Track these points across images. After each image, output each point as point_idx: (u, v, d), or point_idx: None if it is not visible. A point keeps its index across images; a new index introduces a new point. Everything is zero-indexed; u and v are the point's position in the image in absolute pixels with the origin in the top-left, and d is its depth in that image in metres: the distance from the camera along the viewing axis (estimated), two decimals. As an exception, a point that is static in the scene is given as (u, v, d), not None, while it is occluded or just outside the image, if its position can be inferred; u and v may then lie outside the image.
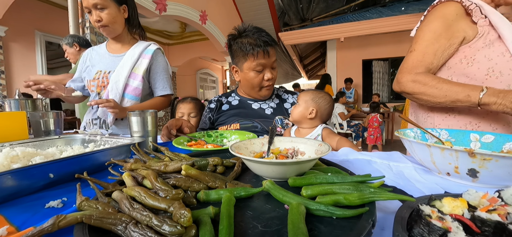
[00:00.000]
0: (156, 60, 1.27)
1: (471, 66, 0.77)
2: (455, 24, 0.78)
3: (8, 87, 3.63)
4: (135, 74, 1.21)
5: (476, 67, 0.76)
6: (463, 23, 0.78)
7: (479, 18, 0.76)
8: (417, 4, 5.18)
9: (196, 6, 3.93)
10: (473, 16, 0.76)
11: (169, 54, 6.91)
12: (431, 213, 0.26)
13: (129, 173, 0.41)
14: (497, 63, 0.73)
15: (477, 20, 0.76)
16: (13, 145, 0.65)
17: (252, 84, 1.08)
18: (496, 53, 0.73)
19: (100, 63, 1.28)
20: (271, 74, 1.07)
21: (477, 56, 0.76)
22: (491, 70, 0.74)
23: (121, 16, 1.20)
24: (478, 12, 0.76)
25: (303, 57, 8.05)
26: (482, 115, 0.78)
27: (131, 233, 0.27)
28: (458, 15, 0.77)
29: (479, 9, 0.76)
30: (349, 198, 0.32)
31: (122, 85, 1.18)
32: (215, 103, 1.21)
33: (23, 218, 0.37)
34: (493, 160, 0.41)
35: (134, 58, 1.20)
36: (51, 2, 4.11)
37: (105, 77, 1.22)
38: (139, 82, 1.21)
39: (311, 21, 5.94)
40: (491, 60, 0.74)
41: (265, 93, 1.13)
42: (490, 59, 0.74)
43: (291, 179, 0.42)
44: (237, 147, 0.56)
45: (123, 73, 1.18)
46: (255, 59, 1.02)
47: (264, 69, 1.05)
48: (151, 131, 0.82)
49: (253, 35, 1.03)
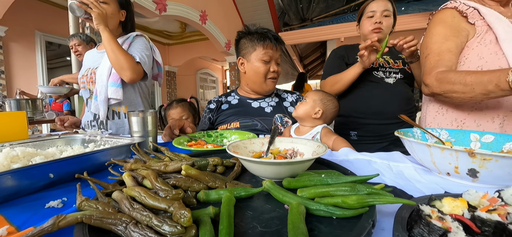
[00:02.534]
0: (134, 41, 1.25)
1: (463, 65, 0.81)
2: (455, 24, 0.81)
3: (8, 87, 3.63)
4: None
5: (467, 66, 0.80)
6: (463, 23, 0.81)
7: (477, 19, 0.79)
8: (417, 4, 5.17)
9: (196, 6, 3.93)
10: (468, 18, 0.80)
11: (169, 54, 6.91)
12: (431, 213, 0.26)
13: (129, 173, 0.41)
14: (487, 61, 0.76)
15: (474, 21, 0.79)
16: (13, 145, 0.65)
17: (258, 74, 1.12)
18: (489, 52, 0.76)
19: (90, 61, 1.33)
20: (277, 67, 1.12)
21: (470, 55, 0.79)
22: (480, 68, 0.77)
23: (117, 17, 1.23)
24: (475, 14, 0.79)
25: (303, 57, 8.05)
26: (467, 111, 0.81)
27: (131, 233, 0.27)
28: (455, 18, 0.82)
29: (478, 11, 0.79)
30: (347, 201, 0.31)
31: (106, 77, 1.18)
32: (214, 103, 1.22)
33: (23, 218, 0.37)
34: (493, 160, 0.41)
35: None
36: (51, 2, 4.11)
37: (93, 73, 1.25)
38: None
39: (311, 21, 5.93)
40: (482, 59, 0.77)
41: (270, 86, 1.15)
42: (481, 57, 0.77)
43: (286, 181, 0.42)
44: (236, 146, 0.56)
45: (106, 64, 1.19)
46: (264, 49, 1.09)
47: (271, 60, 1.11)
48: (151, 131, 0.82)
49: (262, 30, 1.11)
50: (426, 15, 4.36)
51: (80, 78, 1.30)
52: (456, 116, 0.84)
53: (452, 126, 0.85)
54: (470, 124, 0.81)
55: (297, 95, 1.25)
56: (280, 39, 1.13)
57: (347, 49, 1.28)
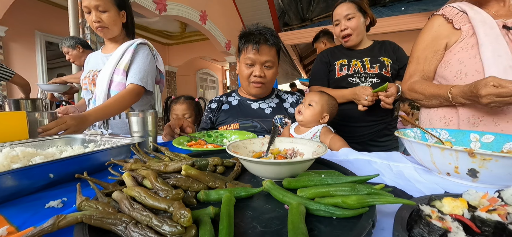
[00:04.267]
0: (137, 52, 1.24)
1: (446, 69, 0.86)
2: (437, 34, 0.89)
3: (8, 87, 3.63)
4: (119, 69, 1.20)
5: (449, 70, 0.85)
6: (446, 31, 0.87)
7: (465, 23, 0.83)
8: (417, 4, 5.17)
9: (196, 6, 3.93)
10: (454, 23, 0.85)
11: (169, 54, 6.91)
12: (431, 213, 0.26)
13: (129, 173, 0.41)
14: (466, 65, 0.80)
15: (459, 26, 0.84)
16: (13, 145, 0.65)
17: (243, 77, 1.13)
18: (469, 56, 0.80)
19: (93, 62, 1.32)
20: (261, 71, 1.08)
21: (452, 60, 0.84)
22: (459, 72, 0.82)
23: (119, 20, 1.22)
24: (461, 19, 0.84)
25: (303, 57, 8.04)
26: (454, 110, 0.84)
27: (131, 233, 0.27)
28: (440, 26, 0.89)
29: (466, 14, 0.83)
30: (347, 201, 0.31)
31: (106, 82, 1.18)
32: (216, 103, 1.22)
33: (23, 218, 0.37)
34: (493, 160, 0.41)
35: (119, 54, 1.20)
36: (51, 2, 4.11)
37: (95, 75, 1.25)
38: (122, 77, 1.19)
39: (311, 21, 5.92)
40: (462, 63, 0.81)
41: (254, 91, 1.13)
42: (461, 62, 0.81)
43: (286, 181, 0.42)
44: (236, 146, 0.56)
45: (107, 70, 1.19)
46: (245, 53, 1.07)
47: (253, 64, 1.08)
48: (151, 131, 0.82)
49: (254, 31, 1.07)
50: (426, 15, 4.36)
51: (83, 79, 1.30)
52: (444, 114, 0.88)
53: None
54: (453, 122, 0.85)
55: (297, 96, 1.25)
56: (271, 40, 1.06)
57: (330, 53, 1.32)
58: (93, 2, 1.10)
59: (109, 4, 1.13)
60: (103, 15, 1.13)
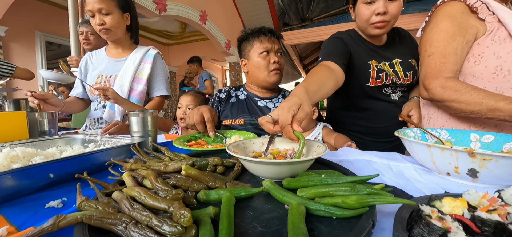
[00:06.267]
0: (156, 64, 1.33)
1: (478, 65, 0.73)
2: (464, 21, 0.74)
3: (8, 87, 3.63)
4: (139, 78, 1.27)
5: (483, 65, 0.72)
6: (472, 20, 0.74)
7: (487, 14, 0.73)
8: (417, 4, 5.16)
9: (196, 6, 3.93)
10: (479, 13, 0.73)
11: (169, 54, 6.90)
12: (431, 213, 0.26)
13: (129, 173, 0.41)
14: (506, 60, 0.69)
15: (484, 17, 0.73)
16: (13, 145, 0.65)
17: (260, 68, 1.12)
18: (507, 50, 0.69)
19: (100, 66, 1.32)
20: (277, 57, 1.12)
21: (485, 53, 0.72)
22: (499, 68, 0.70)
23: (123, 23, 1.23)
24: (484, 9, 0.73)
25: (303, 57, 8.04)
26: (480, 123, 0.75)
27: (131, 233, 0.27)
28: (464, 13, 0.74)
29: (486, 6, 0.73)
30: (347, 201, 0.31)
31: (127, 90, 1.23)
32: (224, 93, 1.23)
33: (23, 218, 0.37)
34: (493, 160, 0.41)
35: (136, 63, 1.26)
36: (51, 2, 4.11)
37: (107, 81, 1.26)
38: (144, 86, 1.27)
39: (311, 21, 5.92)
40: (500, 58, 0.70)
41: (274, 78, 1.14)
42: (499, 56, 0.70)
43: (286, 181, 0.42)
44: (236, 146, 0.56)
45: (127, 78, 1.24)
46: (260, 43, 1.10)
47: (269, 52, 1.12)
48: (151, 131, 0.82)
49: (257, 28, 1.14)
50: (426, 15, 4.36)
51: (93, 86, 1.28)
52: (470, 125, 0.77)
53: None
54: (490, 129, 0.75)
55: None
56: (277, 33, 1.14)
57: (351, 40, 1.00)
58: (96, 6, 1.11)
59: (112, 7, 1.15)
60: (107, 17, 1.14)
